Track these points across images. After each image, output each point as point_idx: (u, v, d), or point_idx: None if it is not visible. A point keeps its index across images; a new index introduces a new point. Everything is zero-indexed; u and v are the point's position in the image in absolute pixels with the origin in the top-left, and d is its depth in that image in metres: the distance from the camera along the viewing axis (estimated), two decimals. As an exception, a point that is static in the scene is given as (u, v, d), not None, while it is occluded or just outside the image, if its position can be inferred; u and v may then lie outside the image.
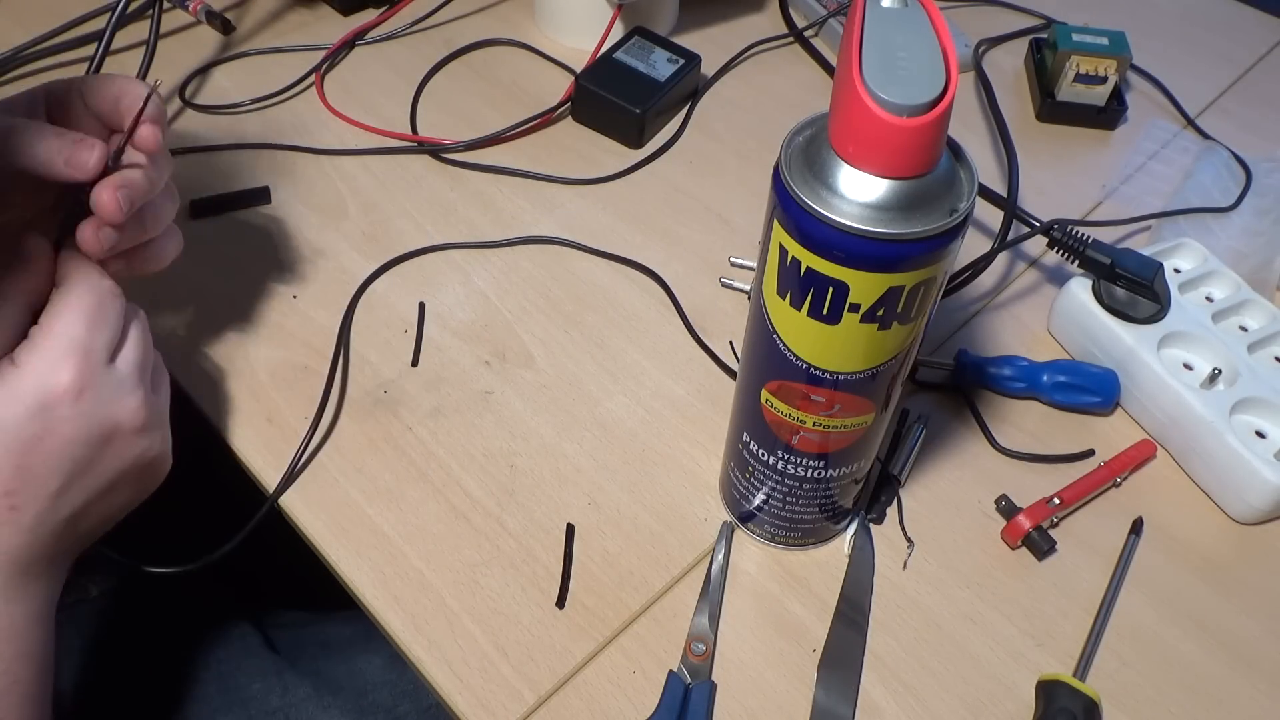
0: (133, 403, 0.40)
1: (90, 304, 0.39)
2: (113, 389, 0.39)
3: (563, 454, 0.51)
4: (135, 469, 0.41)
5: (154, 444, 0.42)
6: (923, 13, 0.32)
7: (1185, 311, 0.54)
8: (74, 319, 0.38)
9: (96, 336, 0.39)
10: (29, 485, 0.37)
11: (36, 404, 0.37)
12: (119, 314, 0.41)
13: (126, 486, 0.41)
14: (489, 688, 0.42)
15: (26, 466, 0.37)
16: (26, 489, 0.37)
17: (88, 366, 0.38)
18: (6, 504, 0.37)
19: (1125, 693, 0.44)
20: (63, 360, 0.38)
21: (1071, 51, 0.70)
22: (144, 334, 0.42)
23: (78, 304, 0.39)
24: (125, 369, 0.40)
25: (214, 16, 0.72)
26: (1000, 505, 0.49)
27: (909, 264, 0.33)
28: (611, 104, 0.66)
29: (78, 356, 0.38)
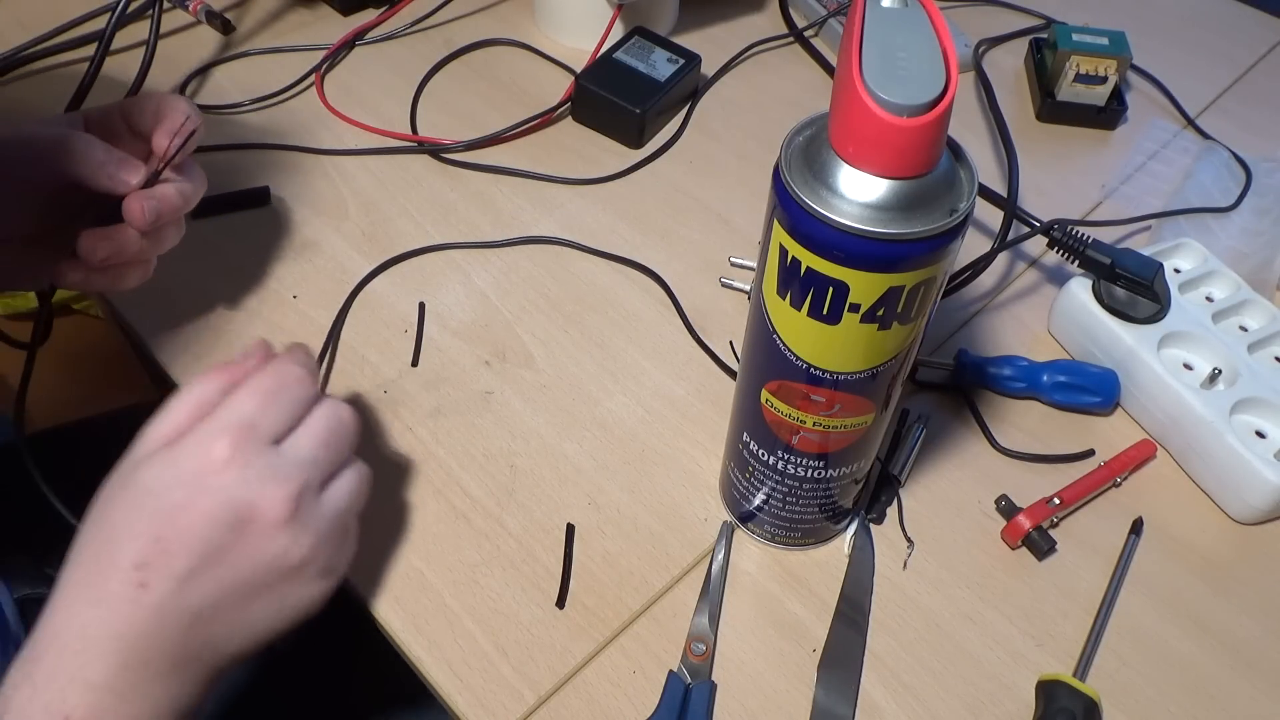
0: (280, 492, 0.37)
1: (268, 385, 0.39)
2: (263, 471, 0.37)
3: (563, 454, 0.51)
4: (272, 572, 0.37)
5: (296, 549, 0.37)
6: (923, 13, 0.32)
7: (1185, 311, 0.54)
8: (248, 396, 0.38)
9: (266, 416, 0.38)
10: (161, 560, 0.35)
11: (188, 472, 0.36)
12: (299, 401, 0.39)
13: (261, 598, 0.37)
14: (489, 688, 0.42)
15: (163, 539, 0.36)
16: (158, 564, 0.35)
17: (245, 442, 0.37)
18: (137, 579, 0.35)
19: (1125, 693, 0.44)
20: (223, 432, 0.37)
21: (1071, 51, 0.70)
22: (327, 431, 0.40)
23: (257, 383, 0.39)
24: (288, 454, 0.38)
25: (214, 16, 0.72)
26: (1000, 505, 0.49)
27: (909, 264, 0.33)
28: (611, 104, 0.66)
29: (238, 431, 0.37)
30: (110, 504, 0.37)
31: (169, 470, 0.37)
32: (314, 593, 0.39)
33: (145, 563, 0.35)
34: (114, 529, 0.36)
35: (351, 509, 0.40)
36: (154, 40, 0.65)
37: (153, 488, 0.36)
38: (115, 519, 0.37)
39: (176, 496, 0.36)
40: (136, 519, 0.36)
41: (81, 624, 0.35)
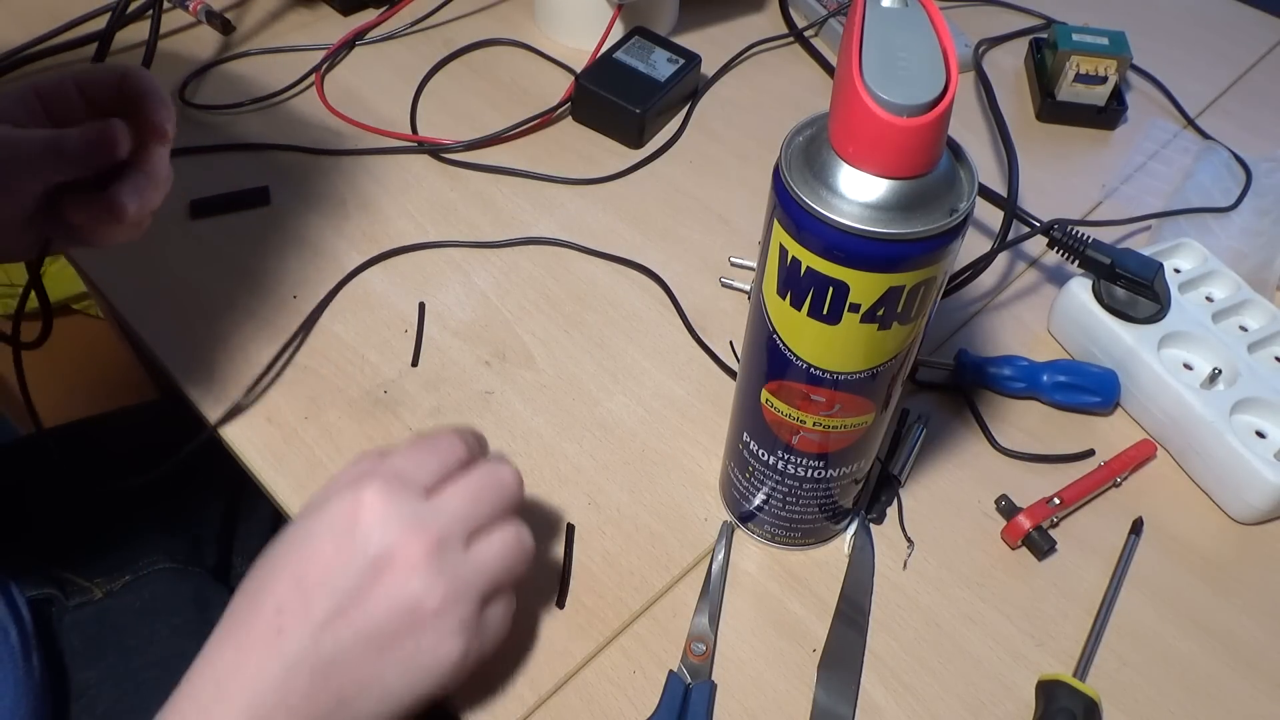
0: (419, 538, 0.36)
1: (423, 443, 0.39)
2: (407, 517, 0.36)
3: (563, 454, 0.51)
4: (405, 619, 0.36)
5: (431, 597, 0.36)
6: (923, 13, 0.32)
7: (1185, 311, 0.54)
8: (404, 453, 0.39)
9: (420, 469, 0.38)
10: (299, 604, 0.35)
11: (337, 518, 0.37)
12: (456, 458, 0.39)
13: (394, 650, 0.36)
14: (489, 688, 0.42)
15: (303, 580, 0.36)
16: (295, 608, 0.35)
17: (394, 490, 0.37)
18: (275, 624, 0.35)
19: (1125, 693, 0.44)
20: (372, 478, 0.37)
21: (1071, 51, 0.70)
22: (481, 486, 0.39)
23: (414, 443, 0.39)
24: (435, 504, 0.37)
25: (214, 16, 0.72)
26: (1000, 505, 0.49)
27: (909, 264, 0.33)
28: (611, 104, 0.66)
29: (388, 479, 0.37)
30: (268, 554, 0.37)
31: (320, 518, 0.37)
32: (450, 651, 0.37)
33: (283, 607, 0.35)
34: (264, 575, 0.37)
35: (500, 571, 0.38)
36: (154, 40, 0.65)
37: (303, 536, 0.37)
38: (268, 566, 0.37)
39: (322, 542, 0.36)
40: (284, 564, 0.37)
41: (223, 673, 0.35)
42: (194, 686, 0.35)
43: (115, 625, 0.57)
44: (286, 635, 0.35)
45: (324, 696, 0.35)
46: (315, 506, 0.38)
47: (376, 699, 0.36)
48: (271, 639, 0.35)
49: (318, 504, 0.38)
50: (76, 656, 0.55)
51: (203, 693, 0.35)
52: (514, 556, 0.39)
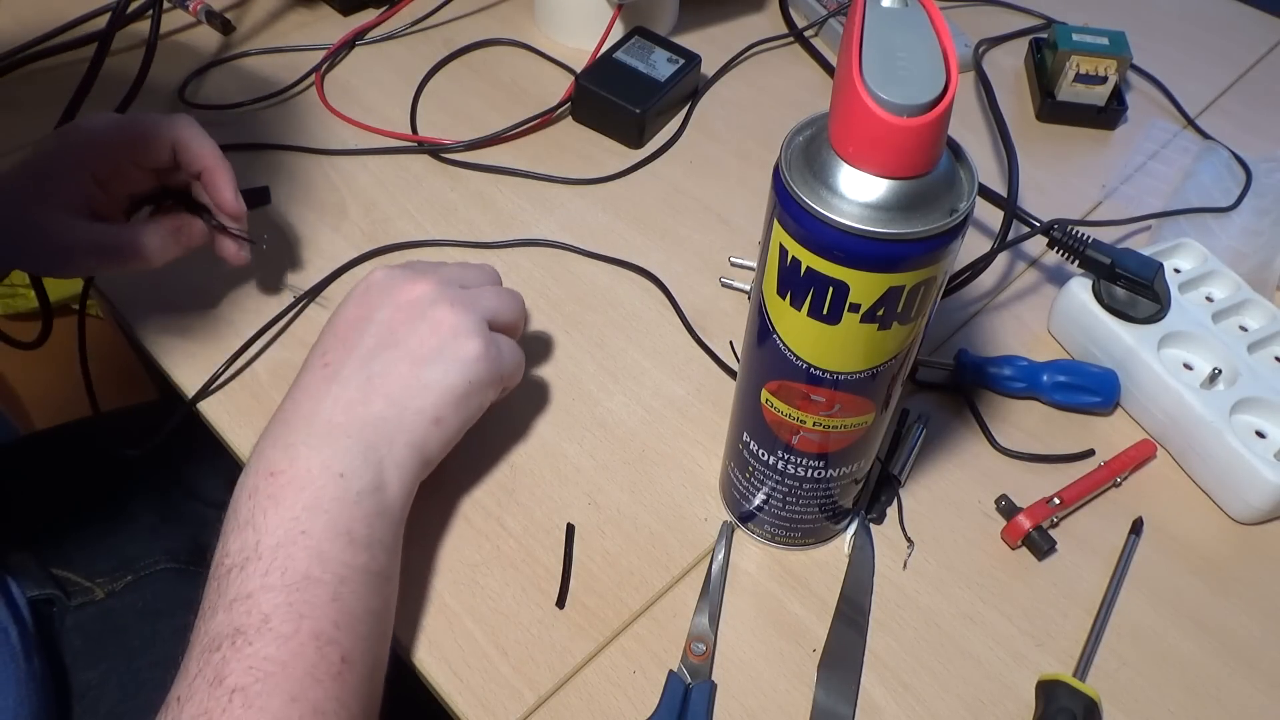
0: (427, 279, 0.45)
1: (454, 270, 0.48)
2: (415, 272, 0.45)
3: (563, 454, 0.51)
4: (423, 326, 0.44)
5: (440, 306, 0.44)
6: (923, 13, 0.32)
7: (1185, 311, 0.54)
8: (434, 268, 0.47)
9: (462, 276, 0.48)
10: (338, 344, 0.44)
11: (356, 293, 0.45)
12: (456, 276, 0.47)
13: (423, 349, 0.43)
14: (489, 688, 0.42)
15: (337, 331, 0.44)
16: (336, 348, 0.43)
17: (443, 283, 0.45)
18: (322, 363, 0.43)
19: (1125, 693, 0.44)
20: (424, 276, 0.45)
21: (1071, 51, 0.70)
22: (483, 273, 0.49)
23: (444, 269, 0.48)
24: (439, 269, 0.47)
25: (214, 16, 0.72)
26: (1000, 505, 0.49)
27: (909, 264, 0.33)
28: (611, 104, 0.66)
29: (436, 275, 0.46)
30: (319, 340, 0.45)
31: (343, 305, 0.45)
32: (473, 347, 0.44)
33: (327, 354, 0.43)
34: (313, 357, 0.44)
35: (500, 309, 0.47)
36: (154, 40, 0.65)
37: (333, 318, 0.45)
38: (317, 349, 0.44)
39: (349, 307, 0.45)
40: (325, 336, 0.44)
41: (283, 411, 0.42)
42: (263, 434, 0.42)
43: (117, 625, 0.57)
44: (333, 368, 0.43)
45: (377, 398, 0.42)
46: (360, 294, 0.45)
47: (418, 388, 0.43)
48: (325, 375, 0.43)
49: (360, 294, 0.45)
50: (79, 657, 0.55)
51: (269, 432, 0.42)
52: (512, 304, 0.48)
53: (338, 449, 0.40)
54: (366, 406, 0.42)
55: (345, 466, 0.40)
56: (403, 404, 0.42)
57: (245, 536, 0.38)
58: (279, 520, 0.38)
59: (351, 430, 0.41)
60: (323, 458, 0.40)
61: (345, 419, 0.41)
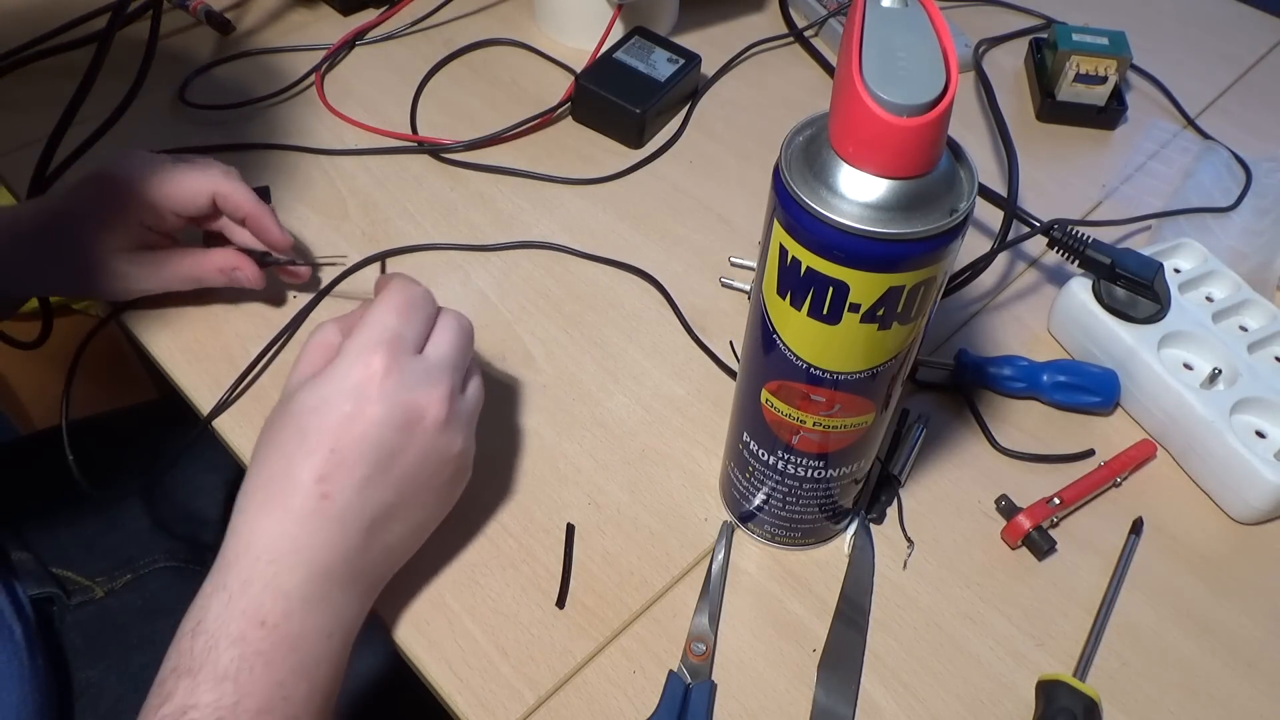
0: (436, 393, 0.41)
1: (401, 301, 0.42)
2: (419, 376, 0.40)
3: (563, 454, 0.51)
4: (436, 466, 0.41)
5: (455, 443, 0.42)
6: (923, 13, 0.32)
7: (1185, 311, 0.54)
8: (387, 313, 0.41)
9: (408, 328, 0.41)
10: (340, 470, 0.38)
11: (351, 385, 0.39)
12: (429, 315, 0.43)
13: (428, 493, 0.42)
14: (489, 688, 0.42)
15: (339, 449, 0.38)
16: (338, 474, 0.38)
17: (396, 352, 0.40)
18: (319, 491, 0.38)
19: (1125, 693, 0.44)
20: (375, 346, 0.40)
21: (1071, 51, 0.70)
22: (458, 336, 0.43)
23: (390, 301, 0.42)
24: (433, 359, 0.42)
25: (214, 16, 0.72)
26: (1000, 505, 0.49)
27: (909, 264, 0.33)
28: (611, 104, 0.66)
29: (390, 343, 0.40)
30: (279, 431, 0.39)
31: (331, 387, 0.39)
32: (461, 483, 0.44)
33: (325, 475, 0.38)
34: (288, 450, 0.39)
35: (480, 400, 0.45)
36: (154, 40, 0.65)
37: (318, 406, 0.39)
38: (287, 442, 0.39)
39: (345, 408, 0.39)
40: (309, 436, 0.38)
41: (271, 538, 0.37)
42: (247, 553, 0.37)
43: (117, 624, 0.57)
44: (334, 500, 0.38)
45: (374, 548, 0.40)
46: (315, 380, 0.40)
47: (410, 538, 0.42)
48: (320, 506, 0.38)
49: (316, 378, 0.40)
50: (79, 655, 0.55)
51: (259, 558, 0.37)
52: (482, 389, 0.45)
53: (333, 608, 0.38)
54: (365, 556, 0.40)
55: (336, 626, 0.39)
56: (399, 552, 0.42)
57: (224, 691, 0.35)
58: (267, 683, 0.36)
59: (347, 583, 0.39)
60: (318, 620, 0.38)
61: (343, 570, 0.39)
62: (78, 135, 0.58)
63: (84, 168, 0.60)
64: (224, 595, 0.37)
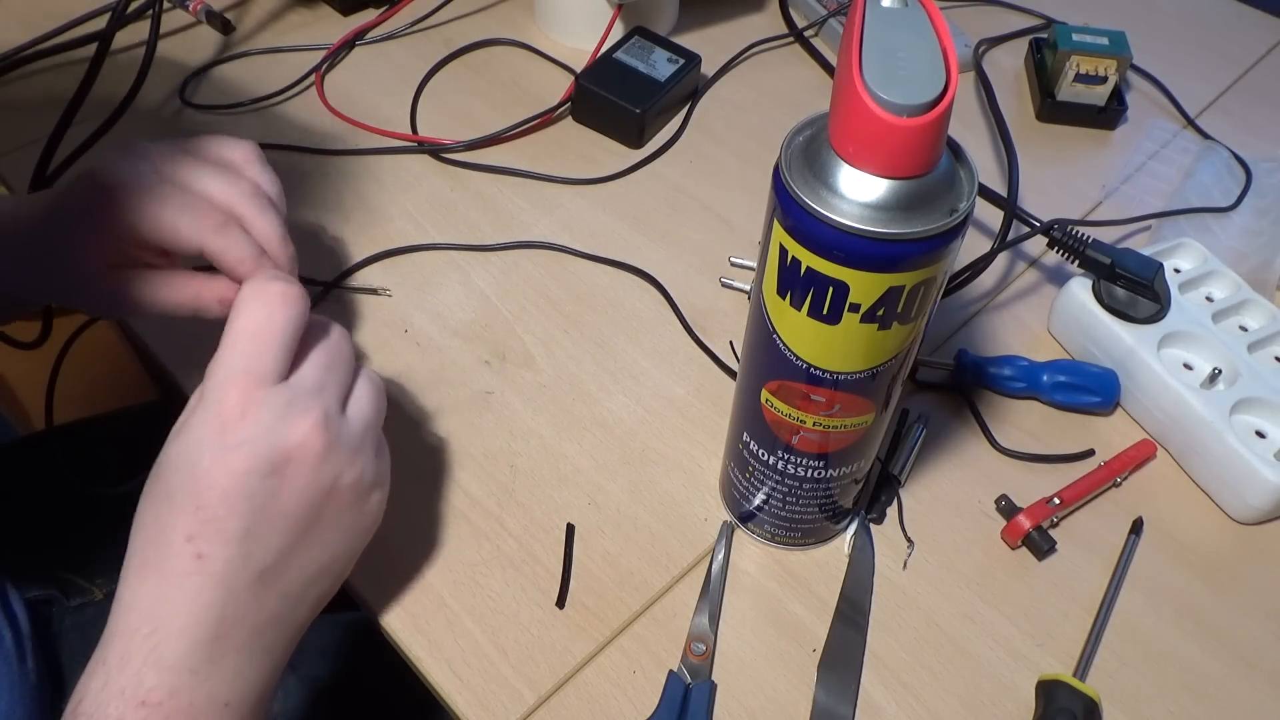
0: (305, 423, 0.36)
1: (253, 327, 0.36)
2: (279, 410, 0.35)
3: (563, 454, 0.51)
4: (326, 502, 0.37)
5: (344, 471, 0.37)
6: (923, 13, 0.32)
7: (1185, 311, 0.54)
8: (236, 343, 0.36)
9: (260, 358, 0.36)
10: (210, 527, 0.34)
11: (207, 434, 0.35)
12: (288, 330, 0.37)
13: (327, 529, 0.37)
14: (489, 688, 0.42)
15: (205, 506, 0.34)
16: (209, 531, 0.34)
17: (249, 387, 0.35)
18: (192, 551, 0.34)
19: (1125, 693, 0.44)
20: (226, 385, 0.35)
21: (1071, 51, 0.70)
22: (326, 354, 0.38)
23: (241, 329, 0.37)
24: (298, 387, 0.36)
25: (214, 16, 0.72)
26: (1000, 505, 0.49)
27: (909, 264, 0.33)
28: (611, 104, 0.66)
29: (241, 379, 0.35)
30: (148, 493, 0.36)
31: (186, 441, 0.35)
32: (371, 508, 0.39)
33: (195, 534, 0.34)
34: (157, 511, 0.35)
35: (378, 419, 0.40)
36: (154, 40, 0.65)
37: (178, 463, 0.35)
38: (156, 504, 0.35)
39: (204, 463, 0.34)
40: (176, 496, 0.35)
41: (149, 606, 0.34)
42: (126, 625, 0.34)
43: None
44: (210, 558, 0.34)
45: (271, 601, 0.36)
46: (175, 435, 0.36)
47: (319, 579, 0.37)
48: (194, 566, 0.34)
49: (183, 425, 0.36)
50: (77, 657, 0.55)
51: (137, 630, 0.34)
52: (381, 400, 0.40)
53: (229, 674, 0.35)
54: (261, 612, 0.35)
55: (234, 694, 0.35)
56: (299, 597, 0.37)
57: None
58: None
59: (243, 644, 0.35)
60: (212, 689, 0.34)
61: (236, 631, 0.35)
62: (78, 135, 0.59)
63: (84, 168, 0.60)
64: (102, 673, 0.33)
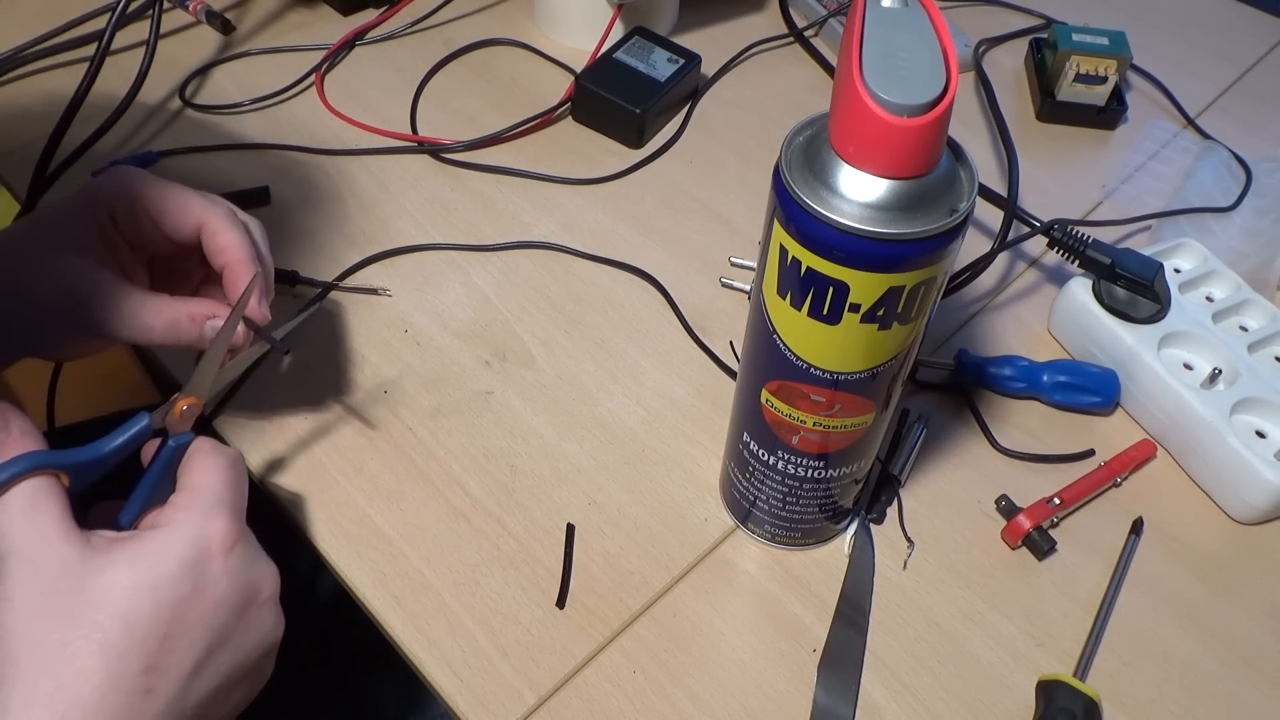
0: (270, 568, 0.37)
1: (225, 465, 0.38)
2: (255, 549, 0.37)
3: (563, 454, 0.51)
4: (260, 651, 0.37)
5: (279, 625, 0.38)
6: (923, 12, 0.32)
7: (1185, 311, 0.54)
8: (215, 477, 0.37)
9: (237, 495, 0.37)
10: (170, 659, 0.33)
11: (191, 558, 0.34)
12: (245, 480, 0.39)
13: (246, 680, 0.37)
14: (489, 688, 0.42)
15: (172, 636, 0.33)
16: (166, 665, 0.33)
17: (236, 521, 0.36)
18: (144, 685, 0.32)
19: (1125, 693, 0.44)
20: (214, 513, 0.35)
21: (1071, 51, 0.70)
22: None
23: (215, 466, 0.37)
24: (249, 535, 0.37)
25: (214, 16, 0.72)
26: (1000, 505, 0.49)
27: (909, 264, 0.33)
28: (611, 104, 0.66)
29: (227, 510, 0.36)
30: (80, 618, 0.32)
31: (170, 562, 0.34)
32: (267, 671, 0.39)
33: (153, 666, 0.33)
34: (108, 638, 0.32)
35: None
36: (154, 40, 0.65)
37: (159, 583, 0.33)
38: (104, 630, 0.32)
39: (185, 587, 0.34)
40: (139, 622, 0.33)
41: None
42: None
43: None
44: (156, 695, 0.33)
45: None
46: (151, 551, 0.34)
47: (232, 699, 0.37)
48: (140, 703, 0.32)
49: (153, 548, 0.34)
50: None
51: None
52: None
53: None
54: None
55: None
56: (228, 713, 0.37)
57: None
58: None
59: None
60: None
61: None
62: (78, 135, 0.59)
63: (84, 168, 0.60)
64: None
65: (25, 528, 0.33)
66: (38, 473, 0.34)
